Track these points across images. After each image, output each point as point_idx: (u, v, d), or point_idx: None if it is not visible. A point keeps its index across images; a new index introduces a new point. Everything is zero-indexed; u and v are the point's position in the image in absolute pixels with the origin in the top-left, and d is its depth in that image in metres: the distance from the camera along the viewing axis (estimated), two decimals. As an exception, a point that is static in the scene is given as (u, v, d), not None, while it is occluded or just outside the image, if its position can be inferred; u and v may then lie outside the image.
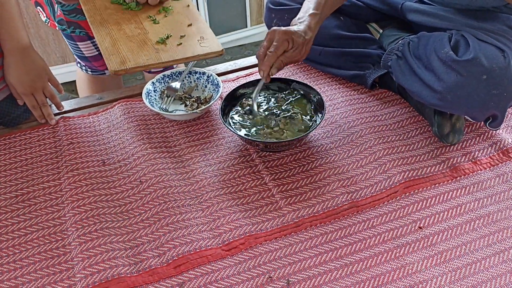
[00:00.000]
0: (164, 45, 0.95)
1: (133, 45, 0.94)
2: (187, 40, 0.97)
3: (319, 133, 1.03)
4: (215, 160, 0.98)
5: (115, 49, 0.92)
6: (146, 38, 0.96)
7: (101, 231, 0.84)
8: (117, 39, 0.94)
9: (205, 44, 0.95)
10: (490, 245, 0.81)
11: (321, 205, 0.88)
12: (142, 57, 0.90)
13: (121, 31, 0.97)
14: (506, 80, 0.85)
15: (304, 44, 0.94)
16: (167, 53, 0.93)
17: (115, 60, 0.89)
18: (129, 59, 0.89)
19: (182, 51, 0.94)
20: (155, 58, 0.91)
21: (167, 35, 0.97)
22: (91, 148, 1.00)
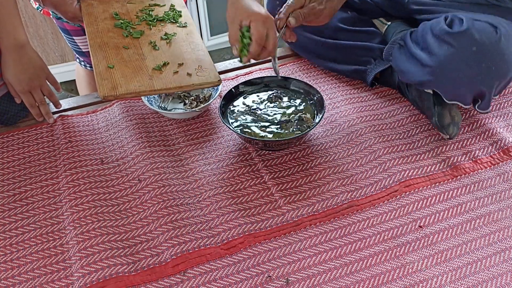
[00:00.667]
0: (159, 73, 0.91)
1: (128, 71, 0.90)
2: (184, 69, 0.93)
3: (318, 132, 1.02)
4: (214, 159, 0.97)
5: (109, 74, 0.88)
6: (142, 64, 0.93)
7: (99, 230, 0.84)
8: (113, 64, 0.91)
9: (202, 73, 0.92)
10: (491, 244, 0.80)
11: (320, 204, 0.88)
12: (135, 84, 0.87)
13: (119, 56, 0.93)
14: (495, 54, 0.86)
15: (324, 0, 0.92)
16: (161, 81, 0.89)
17: (106, 85, 0.85)
18: (120, 84, 0.86)
19: (178, 79, 0.90)
20: (148, 86, 0.87)
21: (164, 62, 0.93)
22: (89, 147, 1.00)
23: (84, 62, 1.34)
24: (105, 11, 1.06)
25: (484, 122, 1.03)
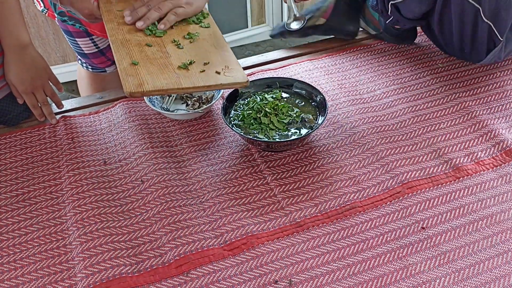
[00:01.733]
0: (186, 71, 0.87)
1: (153, 68, 0.87)
2: (210, 68, 0.89)
3: (321, 133, 1.02)
4: (216, 160, 0.97)
5: (134, 70, 0.85)
6: (167, 62, 0.89)
7: (102, 231, 0.84)
8: (137, 60, 0.87)
9: (230, 73, 0.88)
10: (494, 245, 0.80)
11: (323, 205, 0.88)
12: (161, 81, 0.83)
13: (143, 53, 0.90)
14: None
15: None
16: (188, 79, 0.86)
17: (132, 82, 0.82)
18: (147, 81, 0.82)
19: (205, 78, 0.86)
20: (175, 83, 0.83)
21: (190, 61, 0.89)
22: (91, 148, 1.00)
23: (86, 64, 1.34)
24: (125, 9, 1.02)
25: (487, 123, 1.03)
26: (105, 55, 1.30)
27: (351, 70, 1.20)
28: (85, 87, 1.43)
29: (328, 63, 1.23)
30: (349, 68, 1.21)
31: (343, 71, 1.20)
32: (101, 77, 1.38)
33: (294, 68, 1.22)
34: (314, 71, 1.20)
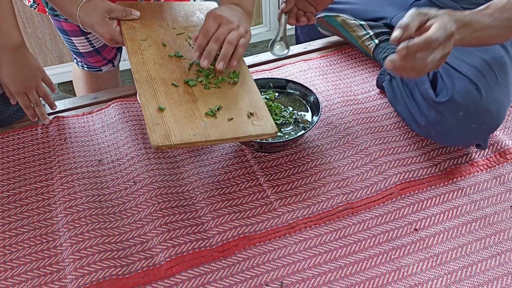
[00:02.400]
0: (213, 119, 0.80)
1: (180, 115, 0.79)
2: (238, 116, 0.82)
3: (314, 134, 1.02)
4: (209, 161, 0.97)
5: (160, 118, 0.78)
6: (194, 107, 0.82)
7: (93, 232, 0.83)
8: (164, 105, 0.80)
9: (259, 122, 0.81)
10: (487, 247, 0.80)
11: (316, 206, 0.87)
12: (189, 131, 0.77)
13: (169, 95, 0.83)
14: (482, 114, 0.86)
15: None
16: (216, 130, 0.78)
17: (159, 133, 0.75)
18: (174, 133, 0.76)
19: (233, 129, 0.79)
20: (203, 135, 0.77)
21: (218, 107, 0.82)
22: (84, 148, 0.99)
23: (82, 63, 1.33)
24: (149, 37, 0.94)
25: (481, 124, 1.02)
26: (101, 54, 1.30)
27: (346, 71, 1.20)
28: (80, 86, 1.43)
29: (323, 63, 1.23)
30: (344, 69, 1.21)
31: (338, 72, 1.20)
32: (97, 76, 1.37)
33: (288, 69, 1.21)
34: (309, 71, 1.20)
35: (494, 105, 0.86)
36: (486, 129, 0.88)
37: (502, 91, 0.89)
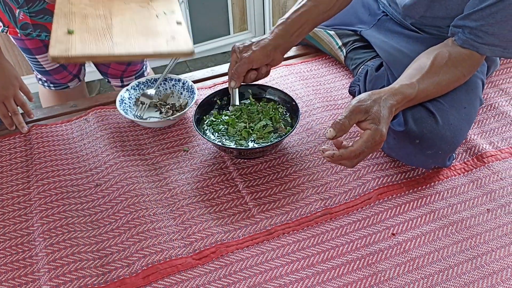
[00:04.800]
0: (123, 39, 0.79)
1: (89, 37, 0.78)
2: (153, 38, 0.81)
3: (294, 140, 1.02)
4: (188, 168, 0.96)
5: (66, 38, 0.77)
6: (107, 32, 0.81)
7: (69, 241, 0.82)
8: (73, 30, 0.79)
9: (173, 42, 0.80)
10: (463, 251, 0.80)
11: (294, 212, 0.87)
12: (92, 47, 0.75)
13: (83, 24, 0.82)
14: (438, 141, 0.86)
15: (252, 44, 0.95)
16: (122, 46, 0.77)
17: (59, 47, 0.74)
18: (75, 48, 0.74)
19: (142, 46, 0.78)
20: (107, 50, 0.75)
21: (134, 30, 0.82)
22: (62, 157, 0.99)
23: (48, 82, 1.32)
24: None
25: (459, 128, 1.03)
26: (67, 69, 1.29)
27: (326, 76, 1.21)
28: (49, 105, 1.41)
29: (304, 69, 1.23)
30: (324, 75, 1.21)
31: (318, 77, 1.20)
32: (65, 94, 1.36)
33: (270, 74, 1.21)
34: (290, 76, 1.20)
35: (450, 130, 0.87)
36: (442, 154, 0.89)
37: (460, 114, 0.89)
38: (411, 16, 1.06)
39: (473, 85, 0.95)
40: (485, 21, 0.85)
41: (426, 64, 0.87)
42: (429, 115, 0.87)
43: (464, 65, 0.89)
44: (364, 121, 0.78)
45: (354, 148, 0.76)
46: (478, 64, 0.91)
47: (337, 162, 0.79)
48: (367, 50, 1.15)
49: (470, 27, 0.87)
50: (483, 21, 0.85)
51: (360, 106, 0.78)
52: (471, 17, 0.87)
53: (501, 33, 0.85)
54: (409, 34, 1.07)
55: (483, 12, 0.85)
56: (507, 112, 1.07)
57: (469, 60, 0.89)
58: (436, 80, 0.87)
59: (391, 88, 0.83)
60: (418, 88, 0.85)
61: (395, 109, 0.82)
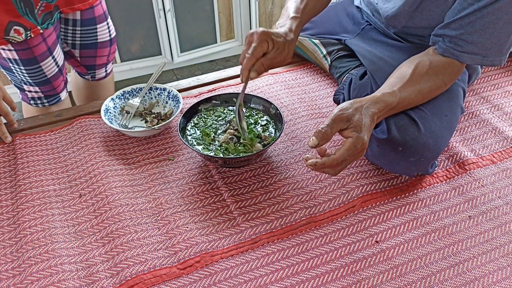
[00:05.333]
0: None
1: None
2: None
3: (279, 148, 1.02)
4: (174, 177, 0.96)
5: None
6: None
7: (52, 252, 0.82)
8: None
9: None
10: (445, 258, 0.81)
11: (279, 220, 0.88)
12: None
13: None
14: (420, 148, 0.88)
15: (286, 45, 0.93)
16: None
17: None
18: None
19: None
20: None
21: None
22: (46, 167, 0.98)
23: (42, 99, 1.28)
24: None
25: (441, 136, 1.04)
26: (62, 72, 1.28)
27: (311, 85, 1.22)
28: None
29: (289, 77, 1.24)
30: (309, 83, 1.22)
31: (303, 86, 1.21)
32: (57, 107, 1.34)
33: (255, 83, 1.22)
34: (275, 85, 1.21)
35: (432, 138, 0.88)
36: (425, 161, 0.90)
37: (442, 121, 0.91)
38: (393, 26, 1.08)
39: (455, 93, 0.97)
40: (465, 29, 0.87)
41: (408, 73, 0.89)
42: (411, 123, 0.88)
43: (445, 73, 0.91)
44: (346, 129, 0.79)
45: (336, 156, 0.77)
46: (459, 72, 0.93)
47: (320, 170, 0.79)
48: (351, 59, 1.17)
49: (450, 36, 0.89)
50: (463, 29, 0.87)
51: (342, 114, 0.79)
52: (451, 26, 0.89)
53: (480, 41, 0.87)
54: (392, 43, 1.09)
55: (462, 21, 0.87)
56: (488, 119, 1.09)
57: (449, 68, 0.91)
58: (418, 88, 0.88)
59: (373, 97, 0.85)
60: (400, 96, 0.86)
61: (377, 117, 0.83)
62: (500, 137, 1.05)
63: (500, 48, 0.88)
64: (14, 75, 1.22)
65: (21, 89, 1.27)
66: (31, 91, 1.27)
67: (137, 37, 2.17)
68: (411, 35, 1.07)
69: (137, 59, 2.20)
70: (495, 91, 1.18)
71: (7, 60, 1.17)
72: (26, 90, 1.26)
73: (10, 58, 1.16)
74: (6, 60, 1.17)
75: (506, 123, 1.08)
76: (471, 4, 0.85)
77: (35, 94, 1.27)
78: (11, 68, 1.20)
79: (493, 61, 0.90)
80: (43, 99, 1.29)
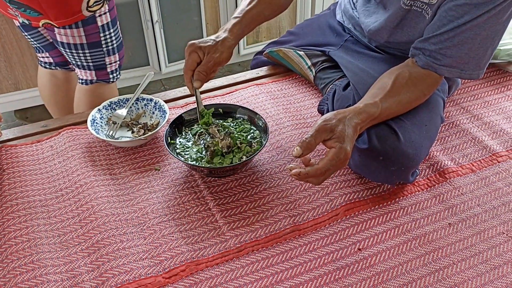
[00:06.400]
0: None
1: None
2: None
3: (264, 158, 1.04)
4: (160, 187, 0.97)
5: None
6: None
7: (37, 262, 0.82)
8: None
9: None
10: (426, 264, 0.83)
11: (263, 229, 0.89)
12: None
13: None
14: (400, 157, 0.90)
15: (217, 45, 0.97)
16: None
17: None
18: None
19: None
20: None
21: None
22: (32, 177, 0.98)
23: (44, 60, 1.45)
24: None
25: (423, 145, 1.07)
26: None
27: (296, 95, 1.24)
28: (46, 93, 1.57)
29: (274, 88, 1.26)
30: (294, 94, 1.24)
31: (288, 96, 1.23)
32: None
33: (241, 94, 1.24)
34: (260, 95, 1.23)
35: (412, 147, 0.90)
36: (405, 170, 0.92)
37: (421, 131, 0.93)
38: (375, 40, 1.11)
39: (434, 103, 1.00)
40: (443, 44, 0.90)
41: (388, 84, 0.91)
42: (391, 133, 0.91)
43: (424, 84, 0.93)
44: (329, 140, 0.81)
45: (319, 166, 0.79)
46: (437, 83, 0.95)
47: (304, 180, 0.81)
48: (335, 70, 1.19)
49: (430, 49, 0.92)
50: (441, 44, 0.90)
51: (325, 125, 0.81)
52: (430, 40, 0.91)
53: (458, 55, 0.90)
54: (374, 55, 1.12)
55: (442, 37, 0.90)
56: (468, 129, 1.12)
57: (428, 80, 0.94)
58: (398, 99, 0.90)
59: (355, 107, 0.87)
60: (382, 107, 0.88)
61: (360, 128, 0.85)
62: (479, 146, 1.07)
63: (478, 62, 0.91)
64: (102, 47, 1.35)
65: (103, 66, 1.39)
66: (111, 63, 1.41)
67: (124, 48, 2.18)
68: (393, 48, 1.09)
69: (125, 69, 2.21)
70: (474, 102, 1.21)
71: (101, 28, 1.31)
72: (108, 63, 1.40)
73: (104, 24, 1.30)
74: (100, 29, 1.30)
75: (485, 132, 1.11)
76: (451, 21, 0.88)
77: (114, 66, 1.42)
78: (100, 41, 1.33)
79: (471, 75, 0.93)
80: (118, 70, 1.44)
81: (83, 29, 1.27)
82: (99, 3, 1.24)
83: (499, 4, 0.85)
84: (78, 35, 1.28)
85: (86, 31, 1.28)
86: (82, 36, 1.29)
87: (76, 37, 1.29)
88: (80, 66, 1.39)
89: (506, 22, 0.89)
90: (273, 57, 1.32)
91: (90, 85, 1.43)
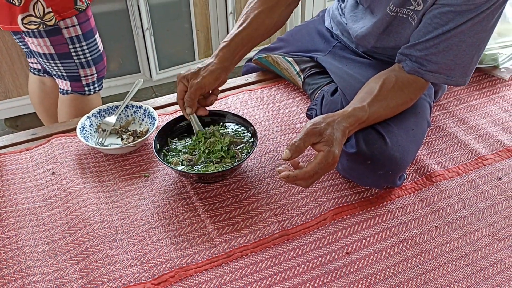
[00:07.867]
0: None
1: None
2: None
3: (253, 163, 1.05)
4: (149, 193, 0.98)
5: None
6: None
7: (26, 270, 0.82)
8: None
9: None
10: (413, 267, 0.84)
11: (252, 234, 0.89)
12: None
13: None
14: (387, 161, 0.91)
15: (200, 72, 0.99)
16: None
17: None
18: None
19: None
20: None
21: None
22: (21, 185, 0.98)
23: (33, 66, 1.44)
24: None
25: (410, 149, 1.08)
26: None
27: (285, 101, 1.25)
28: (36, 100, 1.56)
29: (263, 94, 1.27)
30: (283, 99, 1.25)
31: (277, 102, 1.24)
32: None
33: (230, 100, 1.25)
34: (250, 101, 1.24)
35: (399, 152, 0.91)
36: (393, 173, 0.93)
37: (408, 135, 0.95)
38: (363, 46, 1.12)
39: (421, 108, 1.01)
40: (429, 51, 0.91)
41: (375, 88, 0.92)
42: (379, 137, 0.92)
43: (410, 89, 0.95)
44: (318, 143, 0.82)
45: (308, 169, 0.80)
46: (423, 88, 0.97)
47: (293, 183, 0.82)
48: (323, 76, 1.20)
49: (416, 56, 0.93)
50: (427, 51, 0.92)
51: (314, 128, 0.82)
52: (416, 47, 0.93)
53: (444, 62, 0.92)
54: (362, 61, 1.13)
55: (427, 43, 0.91)
56: (454, 133, 1.13)
57: (414, 84, 0.95)
58: (385, 103, 0.92)
59: (344, 112, 0.88)
60: (369, 111, 0.89)
61: (348, 131, 0.86)
62: (465, 150, 1.09)
63: (464, 69, 0.93)
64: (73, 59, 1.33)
65: (77, 77, 1.38)
66: (87, 75, 1.38)
67: (115, 55, 2.19)
68: (380, 53, 1.11)
69: (116, 77, 2.21)
70: (461, 106, 1.23)
71: (69, 40, 1.28)
72: (82, 75, 1.38)
73: (73, 36, 1.28)
74: (68, 41, 1.28)
75: (471, 136, 1.13)
76: (436, 28, 0.90)
77: (90, 79, 1.40)
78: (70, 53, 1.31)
79: (457, 81, 0.95)
80: (96, 83, 1.42)
81: (48, 39, 1.27)
82: (36, 24, 1.22)
83: (482, 11, 0.86)
84: (44, 45, 1.28)
85: (51, 41, 1.27)
86: (49, 46, 1.29)
87: (44, 47, 1.29)
88: (56, 75, 1.39)
89: (491, 29, 0.91)
90: (262, 63, 1.33)
91: (67, 95, 1.43)
